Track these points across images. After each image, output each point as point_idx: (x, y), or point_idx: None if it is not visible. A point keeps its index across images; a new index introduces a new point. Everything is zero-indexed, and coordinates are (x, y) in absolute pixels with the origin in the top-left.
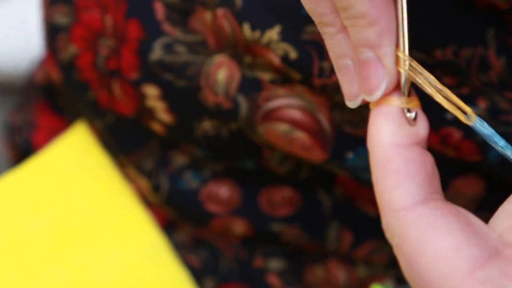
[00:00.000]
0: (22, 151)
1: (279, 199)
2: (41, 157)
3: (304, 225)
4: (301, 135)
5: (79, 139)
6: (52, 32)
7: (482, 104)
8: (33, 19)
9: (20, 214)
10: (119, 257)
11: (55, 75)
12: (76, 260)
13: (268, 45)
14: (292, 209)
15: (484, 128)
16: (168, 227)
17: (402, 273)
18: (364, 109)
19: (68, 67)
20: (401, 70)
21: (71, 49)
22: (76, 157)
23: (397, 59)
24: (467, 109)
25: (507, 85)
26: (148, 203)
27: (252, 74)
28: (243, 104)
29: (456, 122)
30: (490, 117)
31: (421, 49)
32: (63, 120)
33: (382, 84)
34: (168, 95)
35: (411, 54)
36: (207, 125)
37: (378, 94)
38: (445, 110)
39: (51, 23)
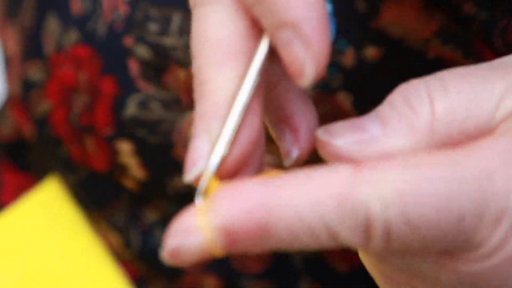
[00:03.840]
0: None
1: (251, 255)
2: (11, 212)
3: (275, 281)
4: None
5: (50, 194)
6: (25, 87)
7: None
8: None
9: None
10: None
11: (27, 130)
12: None
13: None
14: (263, 265)
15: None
16: (139, 283)
17: None
18: None
19: (42, 123)
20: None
21: (45, 105)
22: (46, 212)
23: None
24: None
25: None
26: (120, 259)
27: None
28: None
29: None
30: None
31: None
32: (29, 177)
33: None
34: (141, 151)
35: None
36: (179, 181)
37: (306, 79)
38: None
39: (24, 79)
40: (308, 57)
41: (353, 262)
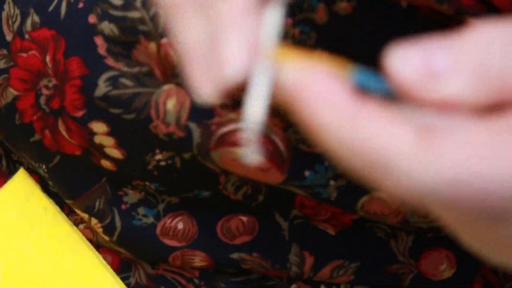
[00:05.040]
0: None
1: (236, 227)
2: None
3: (263, 252)
4: None
5: (21, 189)
6: None
7: None
8: None
9: None
10: None
11: None
12: None
13: None
14: (250, 236)
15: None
16: (122, 268)
17: None
18: None
19: (9, 112)
20: None
21: (10, 92)
22: (20, 207)
23: None
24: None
25: None
26: (101, 246)
27: None
28: (196, 131)
29: None
30: None
31: (374, 62)
32: None
33: None
34: (117, 129)
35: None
36: (159, 157)
37: None
38: None
39: None
40: None
41: (339, 226)
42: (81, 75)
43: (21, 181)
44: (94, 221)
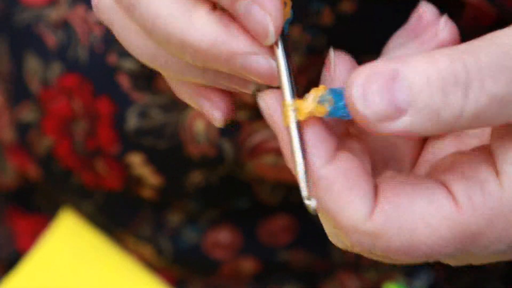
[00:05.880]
0: (11, 263)
1: (278, 229)
2: (35, 255)
3: (307, 247)
4: None
5: (68, 228)
6: (21, 131)
7: None
8: None
9: None
10: None
11: (32, 171)
12: None
13: None
14: (293, 235)
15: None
16: (177, 285)
17: (409, 268)
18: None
19: (46, 160)
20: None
21: (45, 142)
22: (70, 244)
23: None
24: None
25: None
26: (154, 268)
27: None
28: (227, 146)
29: None
30: None
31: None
32: (41, 218)
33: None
34: (152, 159)
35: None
36: (196, 177)
37: (271, 38)
38: None
39: (17, 123)
40: (268, 18)
41: None
42: (110, 113)
43: (67, 219)
44: (143, 246)
